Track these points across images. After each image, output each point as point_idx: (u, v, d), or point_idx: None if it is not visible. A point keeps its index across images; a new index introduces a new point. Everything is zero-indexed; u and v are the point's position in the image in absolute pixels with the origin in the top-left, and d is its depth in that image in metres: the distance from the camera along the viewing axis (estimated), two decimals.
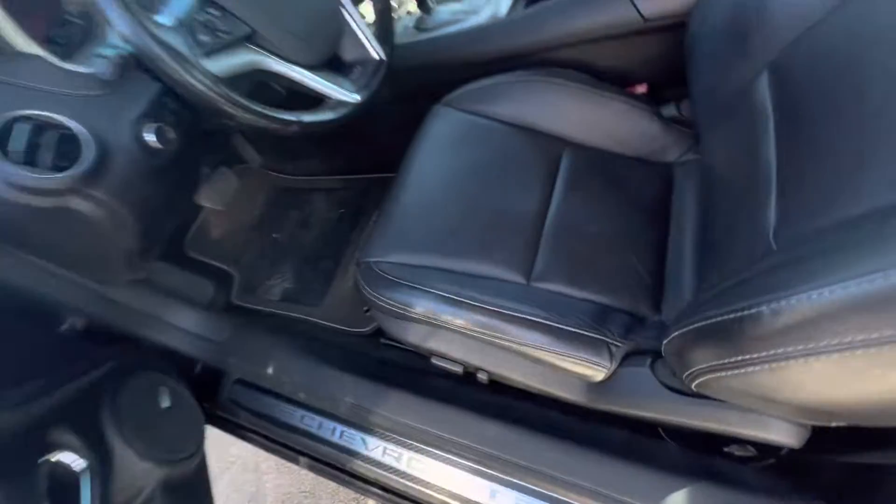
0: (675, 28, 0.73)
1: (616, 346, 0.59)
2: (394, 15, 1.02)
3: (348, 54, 0.74)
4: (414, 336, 0.68)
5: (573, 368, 0.59)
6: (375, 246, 0.72)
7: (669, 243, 0.71)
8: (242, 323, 0.91)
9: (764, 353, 0.31)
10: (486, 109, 0.85)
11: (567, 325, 0.60)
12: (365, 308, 0.99)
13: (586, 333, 0.60)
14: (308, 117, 0.69)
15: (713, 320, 0.36)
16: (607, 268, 0.69)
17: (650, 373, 0.55)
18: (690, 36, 0.70)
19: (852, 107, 0.42)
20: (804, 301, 0.28)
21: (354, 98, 0.75)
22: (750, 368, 0.33)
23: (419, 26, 0.95)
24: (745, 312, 0.32)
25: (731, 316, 0.34)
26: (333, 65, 0.74)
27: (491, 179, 0.77)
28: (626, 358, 0.58)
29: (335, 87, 0.73)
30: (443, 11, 0.94)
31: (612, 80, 0.82)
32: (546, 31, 0.83)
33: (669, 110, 0.78)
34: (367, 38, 0.75)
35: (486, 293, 0.64)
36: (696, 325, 0.38)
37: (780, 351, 0.30)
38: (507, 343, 0.61)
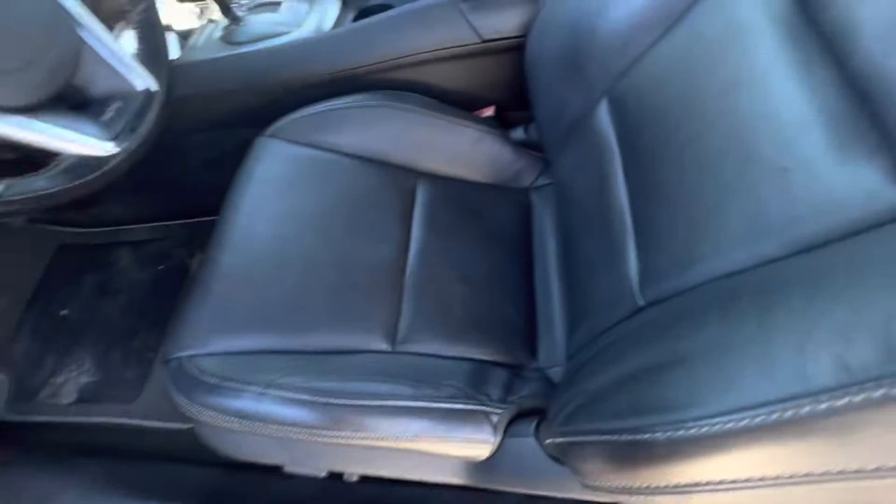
0: (516, 49, 0.69)
1: (497, 413, 0.52)
2: (195, 22, 0.82)
3: (97, 86, 0.50)
4: (253, 452, 0.52)
5: (454, 452, 0.51)
6: (187, 333, 0.55)
7: (536, 278, 0.67)
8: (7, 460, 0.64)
9: (663, 485, 0.26)
10: (323, 140, 0.72)
11: (440, 402, 0.51)
12: None
13: (463, 407, 0.51)
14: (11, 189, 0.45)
15: (602, 438, 0.29)
16: (479, 315, 0.62)
17: (535, 442, 0.49)
18: (529, 59, 0.66)
19: (690, 147, 0.40)
20: (702, 431, 0.23)
21: (107, 148, 0.51)
22: (649, 497, 0.27)
23: (227, 39, 0.77)
24: (639, 437, 0.26)
25: (623, 439, 0.28)
26: (72, 103, 0.49)
27: (336, 226, 0.65)
28: (511, 424, 0.51)
29: (72, 135, 0.47)
30: (256, 22, 0.78)
31: (458, 104, 0.76)
32: (379, 50, 0.73)
33: (518, 134, 0.75)
34: (121, 60, 0.50)
35: (341, 377, 0.52)
36: (581, 440, 0.32)
37: (681, 483, 0.25)
38: (372, 442, 0.49)
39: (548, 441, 0.39)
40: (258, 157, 0.70)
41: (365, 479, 0.56)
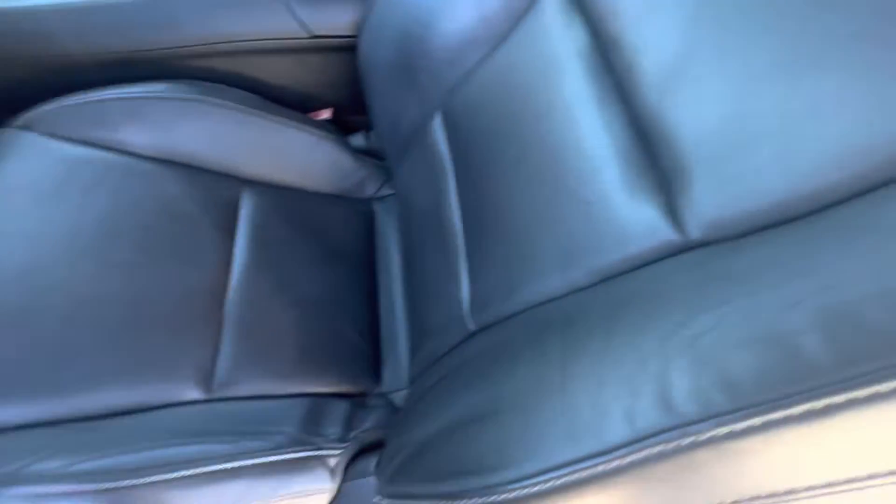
0: (351, 50, 0.64)
1: (334, 455, 0.47)
2: None
3: None
4: None
5: None
6: None
7: (380, 296, 0.64)
8: None
9: None
10: (107, 136, 0.57)
11: (264, 455, 0.44)
12: None
13: (293, 456, 0.45)
14: None
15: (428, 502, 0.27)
16: (316, 343, 0.56)
17: (376, 481, 0.45)
18: (362, 61, 0.62)
19: (514, 170, 0.40)
20: (511, 496, 0.22)
21: None
22: None
23: None
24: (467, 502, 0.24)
25: None
26: None
27: (126, 248, 0.52)
28: (351, 464, 0.47)
29: None
30: None
31: (290, 104, 0.68)
32: (185, 28, 0.61)
33: (358, 140, 0.70)
34: None
35: (130, 447, 0.41)
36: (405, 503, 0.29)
37: None
38: None
39: (376, 500, 0.35)
40: (4, 156, 0.52)
41: None
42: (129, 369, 0.46)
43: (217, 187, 0.61)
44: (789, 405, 0.15)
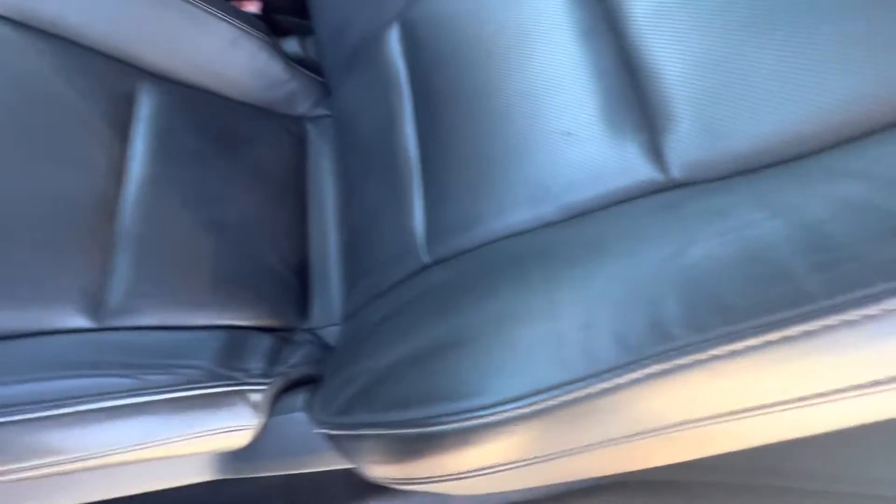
0: None
1: (259, 390, 0.43)
2: None
3: None
4: None
5: (203, 448, 0.40)
6: None
7: (310, 225, 0.58)
8: None
9: (447, 474, 0.23)
10: None
11: (174, 390, 0.38)
12: None
13: (210, 390, 0.40)
14: None
15: (386, 432, 0.25)
16: (231, 271, 0.49)
17: (305, 417, 0.42)
18: None
19: (482, 97, 0.37)
20: (494, 419, 0.21)
21: None
22: (431, 484, 0.25)
23: None
24: (428, 430, 0.23)
25: (409, 432, 0.24)
26: None
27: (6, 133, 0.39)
28: (276, 400, 0.44)
29: None
30: None
31: None
32: None
33: (292, 46, 0.61)
34: None
35: (4, 376, 0.33)
36: (361, 433, 0.27)
37: (464, 471, 0.23)
38: (74, 466, 0.34)
39: (320, 430, 0.33)
40: None
41: None
42: (6, 288, 0.36)
43: (109, 75, 0.49)
44: (785, 326, 0.16)
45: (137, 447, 0.36)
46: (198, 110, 0.54)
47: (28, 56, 0.44)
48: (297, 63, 0.61)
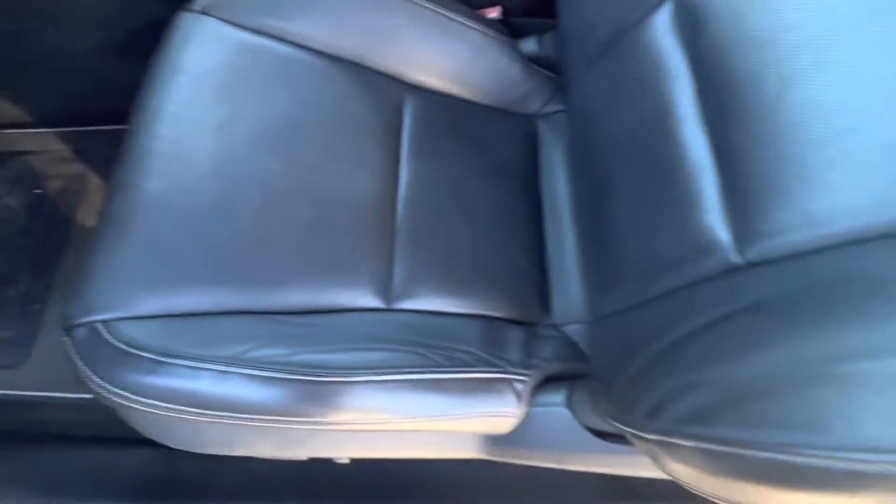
0: None
1: (521, 380, 0.44)
2: None
3: None
4: (209, 442, 0.40)
5: (473, 428, 0.43)
6: (101, 288, 0.39)
7: (546, 221, 0.58)
8: None
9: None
10: (280, 27, 0.53)
11: (456, 371, 0.42)
12: None
13: (482, 375, 0.43)
14: None
15: (733, 451, 0.22)
16: (488, 263, 0.52)
17: (568, 413, 0.42)
18: None
19: (788, 83, 0.31)
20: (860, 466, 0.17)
21: None
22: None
23: None
24: (791, 459, 0.20)
25: (764, 455, 0.21)
26: None
27: (301, 144, 0.49)
28: (535, 393, 0.45)
29: None
30: None
31: None
32: None
33: (529, 46, 0.62)
34: None
35: (328, 345, 0.40)
36: (695, 445, 0.25)
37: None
38: (373, 427, 0.40)
39: (624, 431, 0.32)
40: (185, 42, 0.50)
41: (355, 460, 0.47)
42: (316, 270, 0.45)
43: (383, 90, 0.56)
44: None
45: (429, 417, 0.40)
46: (448, 116, 0.59)
47: (333, 80, 0.54)
48: (533, 62, 0.62)
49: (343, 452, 0.45)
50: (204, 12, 0.52)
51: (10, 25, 0.59)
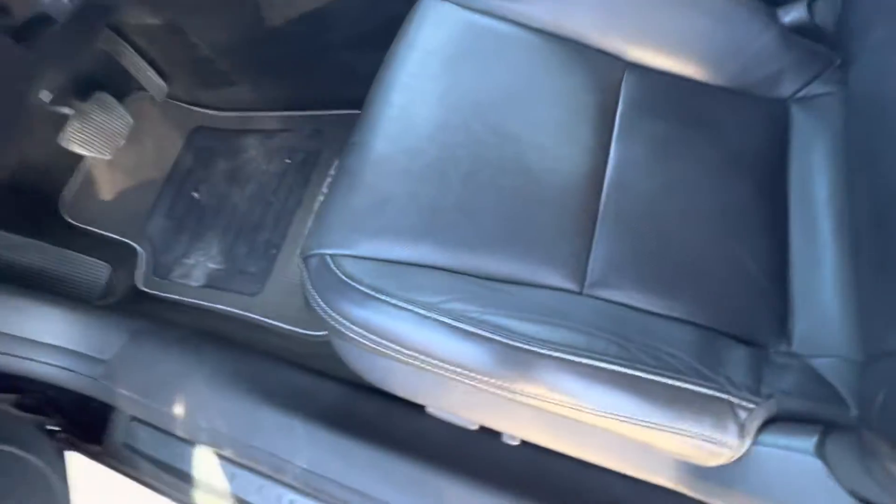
0: None
1: (747, 407, 0.35)
2: None
3: None
4: (395, 382, 0.42)
5: (673, 448, 0.36)
6: (333, 227, 0.44)
7: (792, 226, 0.47)
8: (139, 329, 0.62)
9: None
10: (506, 7, 0.54)
11: (663, 374, 0.36)
12: None
13: (696, 388, 0.35)
14: None
15: None
16: (704, 265, 0.44)
17: (819, 464, 0.32)
18: None
19: None
20: None
21: None
22: None
23: None
24: None
25: None
26: None
27: (514, 119, 0.49)
28: (766, 428, 0.35)
29: None
30: None
31: None
32: None
33: (796, 12, 0.51)
34: None
35: (524, 314, 0.38)
36: None
37: None
38: (559, 409, 0.36)
39: None
40: (422, 23, 0.55)
41: (525, 443, 0.44)
42: (516, 240, 0.44)
43: (600, 68, 0.53)
44: None
45: (622, 418, 0.35)
46: (672, 98, 0.52)
47: (544, 57, 0.53)
48: (797, 32, 0.51)
49: (517, 431, 0.43)
50: None
51: (281, 26, 0.74)
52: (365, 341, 0.39)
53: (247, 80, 0.88)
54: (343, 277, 0.40)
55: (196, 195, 0.87)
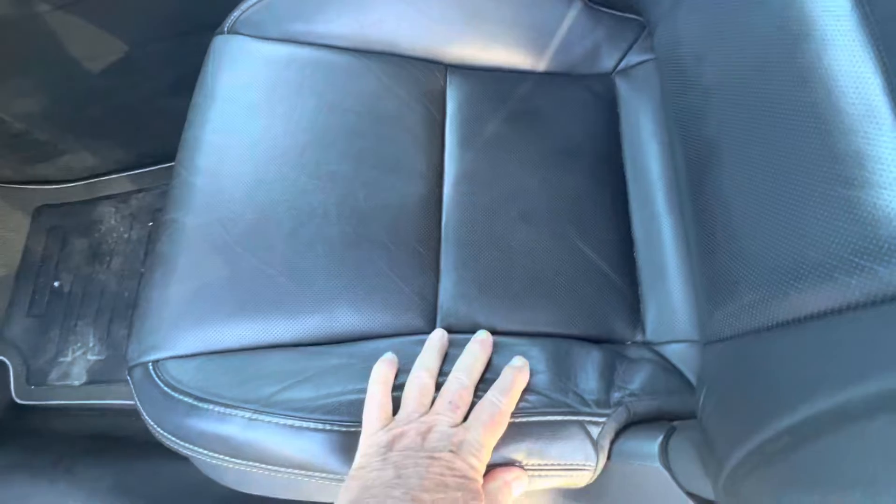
0: None
1: (597, 423, 0.34)
2: None
3: None
4: (250, 483, 0.39)
5: (547, 483, 0.35)
6: (151, 328, 0.39)
7: (632, 208, 0.46)
8: (5, 465, 0.56)
9: None
10: (305, 30, 0.50)
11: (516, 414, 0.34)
12: None
13: (544, 418, 0.34)
14: None
15: None
16: (552, 270, 0.43)
17: (664, 471, 0.32)
18: None
19: None
20: None
21: None
22: None
23: None
24: None
25: None
26: None
27: (338, 158, 0.45)
28: (618, 439, 0.35)
29: None
30: None
31: None
32: None
33: None
34: None
35: (358, 383, 0.36)
36: None
37: None
38: None
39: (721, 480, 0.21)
40: (218, 67, 0.49)
41: None
42: (355, 292, 0.41)
43: (421, 78, 0.49)
44: None
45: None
46: (498, 94, 0.50)
47: (363, 78, 0.48)
48: (601, 4, 0.49)
49: None
50: (233, 31, 0.50)
51: (94, 83, 0.66)
52: (201, 457, 0.35)
53: (78, 145, 0.78)
54: (165, 389, 0.36)
55: (57, 284, 0.79)
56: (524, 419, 0.34)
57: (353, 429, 0.33)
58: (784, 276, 0.26)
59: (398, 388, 0.34)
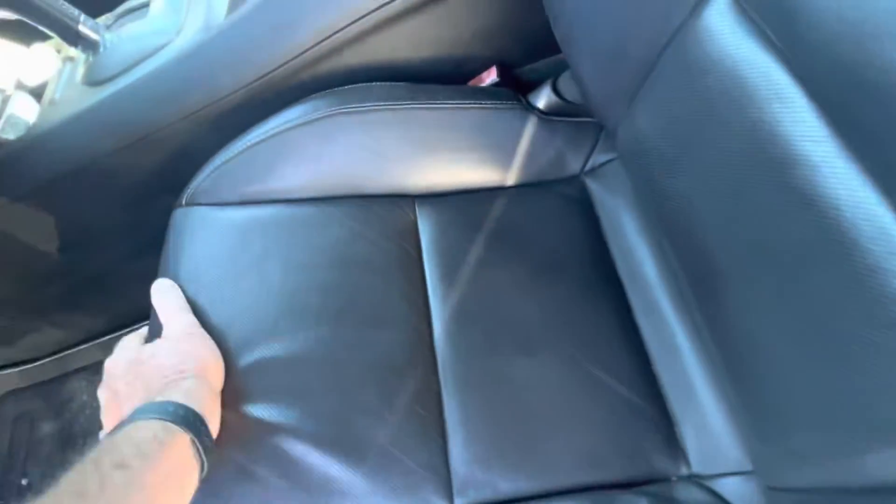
0: None
1: None
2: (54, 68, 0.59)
3: None
4: None
5: None
6: None
7: (638, 318, 0.43)
8: None
9: None
10: (261, 190, 0.48)
11: None
12: None
13: None
14: None
15: None
16: (569, 409, 0.38)
17: None
18: None
19: None
20: None
21: None
22: None
23: (91, 79, 0.52)
24: None
25: None
26: None
27: (307, 324, 0.41)
28: None
29: None
30: (121, 43, 0.52)
31: (441, 77, 0.50)
32: (304, 29, 0.47)
33: (544, 96, 0.49)
34: None
35: None
36: None
37: None
38: None
39: None
40: (178, 243, 0.46)
41: None
42: (356, 486, 0.35)
43: (389, 216, 0.47)
44: None
45: None
46: (472, 217, 0.48)
47: (328, 227, 0.46)
48: (555, 115, 0.49)
49: None
50: (191, 203, 0.49)
51: (53, 262, 0.64)
52: None
53: (44, 322, 0.74)
54: None
55: (25, 482, 0.71)
56: None
57: None
58: (850, 431, 0.22)
59: None
